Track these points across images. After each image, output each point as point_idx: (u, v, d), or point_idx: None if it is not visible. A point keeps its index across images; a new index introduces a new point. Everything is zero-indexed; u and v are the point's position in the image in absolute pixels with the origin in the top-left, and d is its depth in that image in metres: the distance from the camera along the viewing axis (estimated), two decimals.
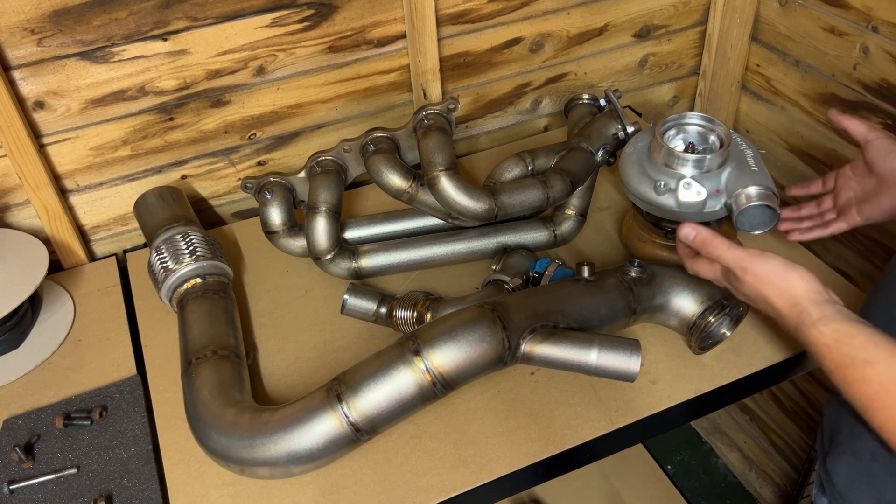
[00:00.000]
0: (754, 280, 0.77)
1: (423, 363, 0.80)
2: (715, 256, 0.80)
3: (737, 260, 0.78)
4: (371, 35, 1.20)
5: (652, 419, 0.90)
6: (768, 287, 0.76)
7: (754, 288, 0.77)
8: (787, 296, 0.75)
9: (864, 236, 1.29)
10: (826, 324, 0.70)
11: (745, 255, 0.78)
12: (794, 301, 0.74)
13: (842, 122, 0.94)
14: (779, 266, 0.76)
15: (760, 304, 0.78)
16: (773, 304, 0.76)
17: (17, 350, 1.03)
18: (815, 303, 0.73)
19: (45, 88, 1.06)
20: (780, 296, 0.75)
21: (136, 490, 0.86)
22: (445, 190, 1.01)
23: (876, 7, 1.14)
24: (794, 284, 0.75)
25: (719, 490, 1.85)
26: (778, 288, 0.75)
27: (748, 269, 0.77)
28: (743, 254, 0.78)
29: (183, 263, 1.00)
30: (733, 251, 0.79)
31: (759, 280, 0.77)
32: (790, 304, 0.74)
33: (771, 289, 0.76)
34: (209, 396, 0.85)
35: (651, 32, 1.43)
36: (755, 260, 0.77)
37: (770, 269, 0.76)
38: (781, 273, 0.76)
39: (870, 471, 0.77)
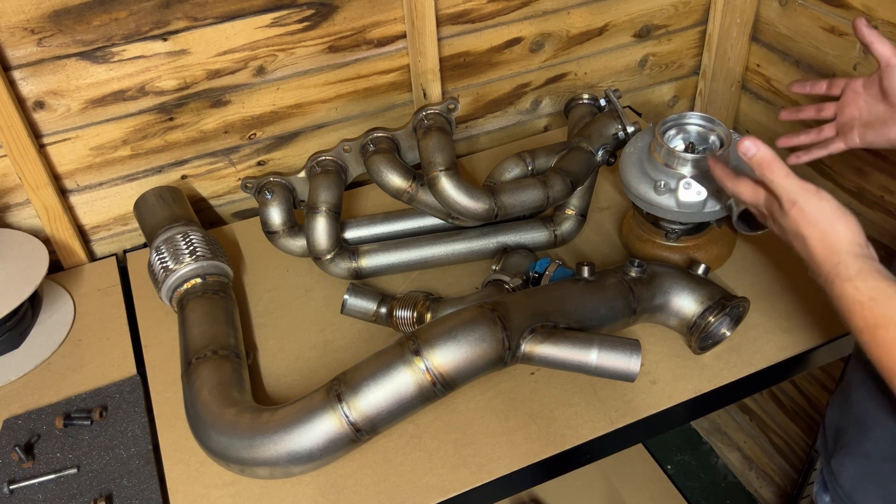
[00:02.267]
0: (799, 216, 0.72)
1: (423, 363, 0.80)
2: (769, 180, 0.74)
3: (790, 190, 0.72)
4: (371, 35, 1.20)
5: (652, 419, 0.90)
6: (811, 228, 0.71)
7: (796, 224, 0.72)
8: (827, 242, 0.70)
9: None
10: (863, 279, 0.67)
11: (800, 188, 0.72)
12: (834, 249, 0.69)
13: (867, 37, 0.85)
14: (829, 209, 0.71)
15: (796, 244, 0.74)
16: (811, 248, 0.71)
17: (17, 350, 1.03)
18: (856, 256, 0.69)
19: (45, 88, 1.06)
20: (820, 240, 0.71)
21: (136, 490, 0.86)
22: (445, 190, 1.01)
23: (876, 7, 1.14)
24: (839, 232, 0.70)
25: (719, 490, 1.85)
26: (821, 231, 0.71)
27: (797, 204, 0.72)
28: (798, 186, 0.73)
29: (183, 263, 1.00)
30: (789, 180, 0.73)
31: (805, 218, 0.72)
32: (828, 252, 0.70)
33: (814, 230, 0.71)
34: (209, 396, 0.85)
35: (651, 32, 1.43)
36: (808, 195, 0.72)
37: (820, 209, 0.71)
38: (831, 217, 0.71)
39: (879, 471, 0.77)
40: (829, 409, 0.87)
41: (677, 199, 0.93)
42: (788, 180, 0.73)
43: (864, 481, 0.79)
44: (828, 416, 0.87)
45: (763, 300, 1.01)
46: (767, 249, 1.10)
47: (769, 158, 0.73)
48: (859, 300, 0.66)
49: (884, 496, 0.77)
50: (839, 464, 0.81)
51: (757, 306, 1.00)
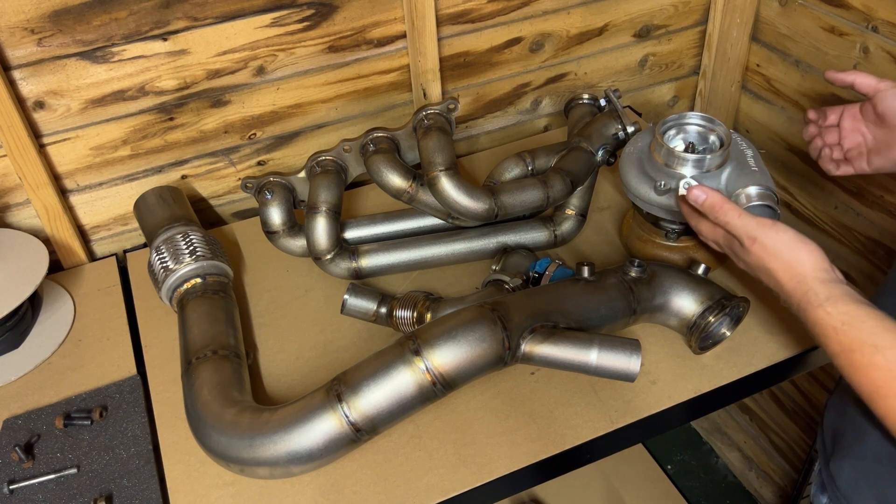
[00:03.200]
0: (761, 251, 0.74)
1: (423, 363, 0.80)
2: (723, 223, 0.77)
3: (746, 229, 0.75)
4: (371, 35, 1.20)
5: (652, 419, 0.90)
6: (775, 260, 0.73)
7: (760, 259, 0.74)
8: (793, 272, 0.71)
9: (865, 236, 1.29)
10: (833, 304, 0.68)
11: (756, 225, 0.74)
12: (801, 278, 0.71)
13: (845, 79, 0.87)
14: (789, 239, 0.73)
15: (763, 277, 0.76)
16: (778, 279, 0.73)
17: (17, 350, 1.03)
18: (823, 281, 0.70)
19: (45, 88, 1.06)
20: (786, 271, 0.72)
21: (136, 490, 0.86)
22: (445, 190, 1.01)
23: (876, 7, 1.14)
24: (803, 260, 0.71)
25: (719, 490, 1.85)
26: (785, 262, 0.72)
27: (757, 240, 0.74)
28: (753, 223, 0.75)
29: (183, 263, 1.00)
30: (743, 219, 0.75)
31: (767, 252, 0.73)
32: (796, 281, 0.71)
33: (777, 262, 0.73)
34: (209, 396, 0.85)
35: (651, 32, 1.43)
36: (765, 230, 0.74)
37: (780, 241, 0.73)
38: (791, 246, 0.72)
39: (874, 473, 0.77)
40: (827, 412, 0.87)
41: (677, 200, 0.93)
42: (743, 219, 0.76)
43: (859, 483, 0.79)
44: (826, 418, 0.87)
45: (763, 300, 1.01)
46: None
47: (719, 202, 0.77)
48: (832, 325, 0.67)
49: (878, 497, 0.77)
50: (837, 466, 0.82)
51: (757, 306, 1.00)
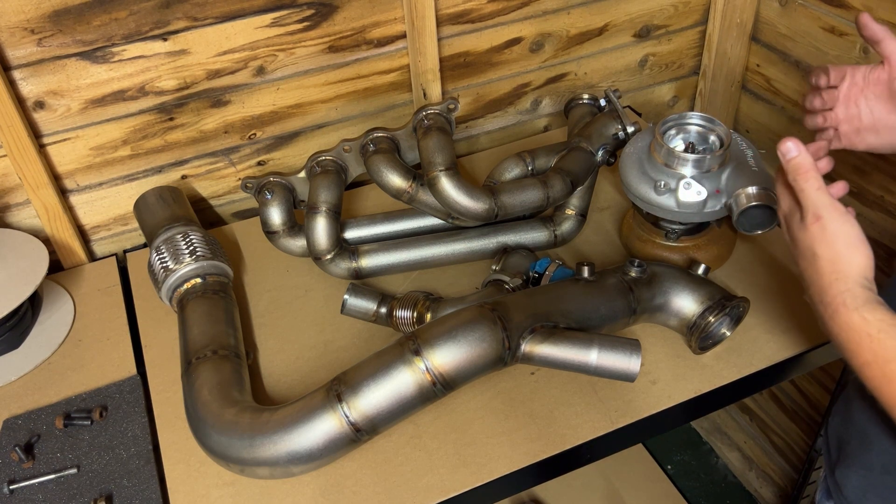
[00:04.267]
0: (819, 233, 0.68)
1: (423, 363, 0.80)
2: (800, 188, 0.69)
3: (818, 204, 0.68)
4: (371, 35, 1.20)
5: (652, 419, 0.90)
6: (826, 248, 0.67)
7: (812, 240, 0.68)
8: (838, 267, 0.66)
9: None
10: (871, 311, 0.63)
11: (829, 204, 0.68)
12: (844, 275, 0.66)
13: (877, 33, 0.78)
14: (852, 234, 0.67)
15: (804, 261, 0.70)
16: (819, 269, 0.67)
17: (17, 350, 1.03)
18: (864, 287, 0.65)
19: (45, 88, 1.06)
20: (831, 262, 0.67)
21: (136, 490, 0.86)
22: (445, 190, 1.01)
23: (876, 7, 1.14)
24: (854, 261, 0.66)
25: (719, 490, 1.85)
26: (835, 254, 0.67)
27: (822, 219, 0.68)
28: (828, 201, 0.68)
29: (183, 263, 1.00)
30: (821, 193, 0.68)
31: (824, 236, 0.67)
32: (836, 277, 0.66)
33: (828, 251, 0.67)
34: (209, 396, 0.85)
35: (651, 32, 1.43)
36: (835, 214, 0.68)
37: (843, 232, 0.67)
38: (850, 242, 0.67)
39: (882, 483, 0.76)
40: (831, 419, 0.86)
41: (677, 199, 0.93)
42: (820, 193, 0.69)
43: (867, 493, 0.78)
44: (830, 425, 0.86)
45: (763, 300, 1.01)
46: (767, 249, 1.10)
47: (807, 166, 0.69)
48: (868, 332, 0.63)
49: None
50: (843, 475, 0.81)
51: (757, 306, 1.00)
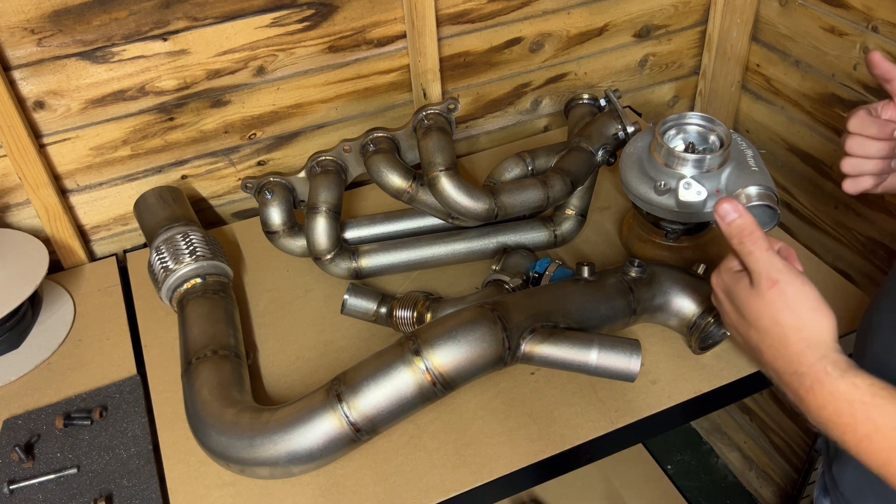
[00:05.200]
0: (777, 300, 0.61)
1: (423, 363, 0.80)
2: (746, 252, 0.63)
3: (773, 268, 0.61)
4: (371, 35, 1.20)
5: (652, 419, 0.90)
6: (789, 315, 0.60)
7: (770, 309, 0.61)
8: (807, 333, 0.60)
9: (864, 236, 1.29)
10: (859, 375, 0.57)
11: (784, 267, 0.61)
12: (815, 342, 0.59)
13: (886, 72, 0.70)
14: (813, 297, 0.61)
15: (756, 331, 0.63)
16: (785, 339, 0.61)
17: (17, 350, 1.03)
18: (840, 352, 0.59)
19: (45, 88, 1.06)
20: (798, 331, 0.60)
21: (136, 490, 0.86)
22: (445, 190, 1.01)
23: (876, 7, 1.14)
24: (823, 326, 0.60)
25: (719, 490, 1.84)
26: (801, 321, 0.60)
27: (778, 284, 0.61)
28: (781, 263, 0.62)
29: (183, 263, 1.00)
30: (772, 255, 0.62)
31: (784, 302, 0.61)
32: (806, 345, 0.60)
33: (791, 318, 0.60)
34: (209, 396, 0.85)
35: (651, 32, 1.43)
36: (791, 277, 0.61)
37: (804, 294, 0.61)
38: (814, 306, 0.60)
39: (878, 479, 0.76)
40: None
41: (677, 199, 0.93)
42: (770, 255, 0.62)
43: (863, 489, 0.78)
44: None
45: None
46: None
47: (751, 227, 0.63)
48: (861, 400, 0.56)
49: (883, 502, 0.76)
50: (839, 471, 0.81)
51: None
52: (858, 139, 0.73)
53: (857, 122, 0.73)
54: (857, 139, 0.73)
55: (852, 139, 0.74)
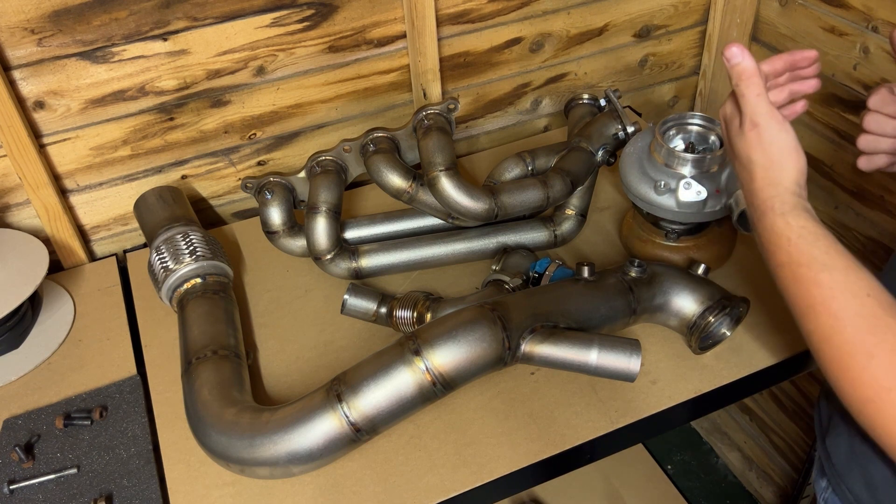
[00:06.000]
0: (755, 140, 0.69)
1: (423, 363, 0.80)
2: (741, 93, 0.70)
3: (757, 111, 0.69)
4: (371, 35, 1.20)
5: (652, 419, 0.90)
6: (761, 154, 0.69)
7: (748, 147, 0.70)
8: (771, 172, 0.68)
9: (865, 236, 1.29)
10: (796, 217, 0.66)
11: (767, 112, 0.68)
12: (775, 181, 0.68)
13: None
14: (786, 142, 0.68)
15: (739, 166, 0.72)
16: (753, 174, 0.69)
17: (17, 350, 1.03)
18: (793, 193, 0.67)
19: (45, 88, 1.06)
20: (765, 169, 0.69)
21: (136, 490, 0.86)
22: (445, 190, 1.01)
23: (876, 7, 1.14)
24: (787, 167, 0.68)
25: (719, 490, 1.85)
26: (769, 161, 0.68)
27: (758, 126, 0.68)
28: (765, 109, 0.69)
29: (183, 263, 1.00)
30: (760, 100, 0.69)
31: (759, 143, 0.69)
32: (767, 182, 0.68)
33: (762, 157, 0.69)
34: (209, 396, 0.85)
35: (651, 32, 1.43)
36: (771, 122, 0.68)
37: (777, 139, 0.68)
38: (784, 149, 0.68)
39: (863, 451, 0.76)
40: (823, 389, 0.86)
41: (677, 199, 0.93)
42: (759, 100, 0.69)
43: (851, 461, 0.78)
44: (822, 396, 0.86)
45: (763, 300, 1.01)
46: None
47: (750, 72, 0.69)
48: (787, 236, 0.65)
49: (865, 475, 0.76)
50: (833, 443, 0.81)
51: (757, 306, 1.00)
52: (876, 116, 0.76)
53: (877, 100, 0.76)
54: (876, 116, 0.76)
55: (870, 116, 0.77)
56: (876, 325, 0.60)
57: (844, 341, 0.61)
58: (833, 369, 0.62)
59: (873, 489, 0.75)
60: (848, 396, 0.62)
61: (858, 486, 0.77)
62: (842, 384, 0.62)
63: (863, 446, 0.76)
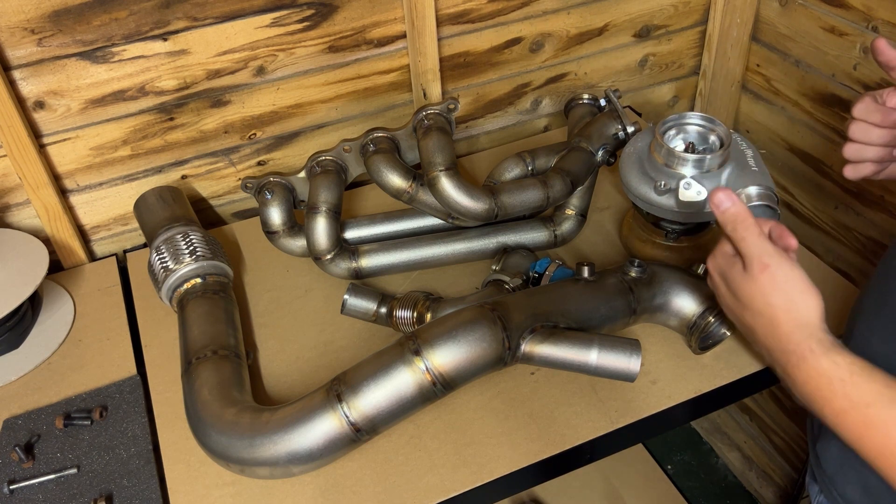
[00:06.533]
0: (769, 283, 0.64)
1: (423, 363, 0.80)
2: (740, 238, 0.66)
3: (763, 253, 0.65)
4: (371, 35, 1.20)
5: (652, 419, 0.90)
6: (780, 296, 0.64)
7: (762, 292, 0.65)
8: (796, 314, 0.63)
9: (865, 236, 1.29)
10: (840, 354, 0.60)
11: (775, 252, 0.65)
12: (804, 322, 0.63)
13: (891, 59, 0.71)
14: (802, 279, 0.64)
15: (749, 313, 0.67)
16: (775, 319, 0.64)
17: (17, 350, 1.03)
18: (826, 332, 0.63)
19: (45, 88, 1.06)
20: (788, 311, 0.64)
21: (136, 490, 0.86)
22: (445, 190, 1.01)
23: (876, 7, 1.14)
24: (811, 306, 0.63)
25: (719, 490, 1.85)
26: (790, 303, 0.64)
27: (769, 268, 0.64)
28: (772, 249, 0.65)
29: (183, 263, 1.00)
30: (764, 240, 0.65)
31: (775, 285, 0.64)
32: (795, 325, 0.63)
33: (782, 299, 0.64)
34: (209, 396, 0.85)
35: (651, 32, 1.43)
36: (782, 261, 0.65)
37: (793, 277, 0.64)
38: (802, 288, 0.64)
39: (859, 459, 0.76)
40: None
41: (677, 199, 0.93)
42: (763, 241, 0.66)
43: (844, 467, 0.78)
44: None
45: None
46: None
47: (744, 214, 0.67)
48: (840, 377, 0.59)
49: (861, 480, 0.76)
50: (823, 448, 0.81)
51: None
52: (862, 125, 0.75)
53: (861, 108, 0.74)
54: (861, 125, 0.75)
55: (856, 125, 0.75)
56: None
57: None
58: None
59: (870, 494, 0.75)
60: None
61: (853, 490, 0.77)
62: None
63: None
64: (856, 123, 0.75)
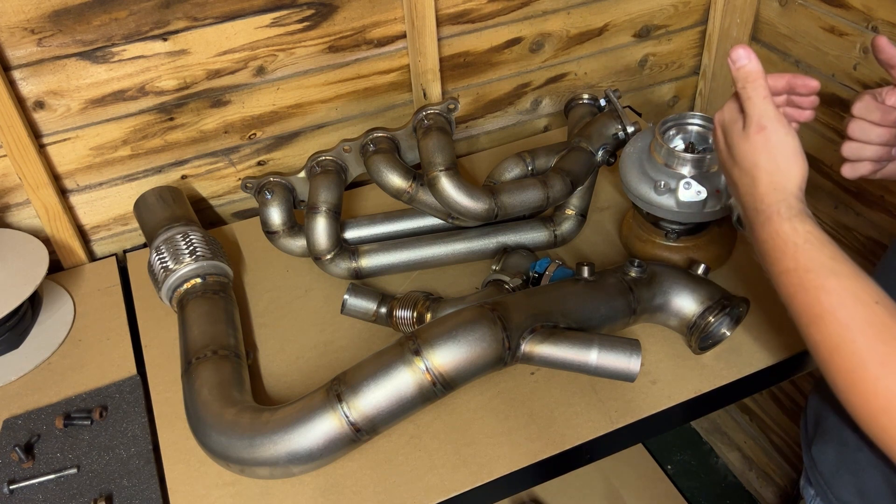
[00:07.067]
0: (761, 145, 0.67)
1: (423, 363, 0.80)
2: (746, 96, 0.67)
3: (765, 115, 0.67)
4: (371, 35, 1.20)
5: (652, 419, 0.90)
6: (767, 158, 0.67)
7: (753, 152, 0.68)
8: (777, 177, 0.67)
9: (865, 236, 1.29)
10: (802, 222, 0.64)
11: (774, 116, 0.67)
12: (781, 187, 0.66)
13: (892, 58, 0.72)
14: (793, 146, 0.66)
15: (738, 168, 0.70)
16: (757, 179, 0.67)
17: (17, 350, 1.03)
18: (799, 199, 0.66)
19: (45, 88, 1.06)
20: (770, 174, 0.67)
21: (136, 490, 0.86)
22: (445, 190, 1.01)
23: (876, 7, 1.14)
24: (793, 173, 0.66)
25: (719, 490, 1.85)
26: (775, 166, 0.67)
27: (766, 130, 0.66)
28: (773, 112, 0.67)
29: (183, 263, 1.00)
30: (767, 103, 0.67)
31: (766, 147, 0.67)
32: (773, 188, 0.66)
33: (768, 163, 0.67)
34: (209, 396, 0.85)
35: (651, 32, 1.43)
36: (779, 125, 0.66)
37: (785, 143, 0.66)
38: (790, 154, 0.66)
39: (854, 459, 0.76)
40: (811, 396, 0.86)
41: (677, 199, 0.93)
42: (766, 103, 0.67)
43: (840, 469, 0.78)
44: (810, 402, 0.85)
45: (763, 300, 1.01)
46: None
47: (756, 74, 0.67)
48: (794, 241, 0.64)
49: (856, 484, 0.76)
50: (819, 451, 0.81)
51: (757, 306, 1.00)
52: (860, 123, 0.75)
53: (861, 107, 0.75)
54: (860, 123, 0.75)
55: (854, 123, 0.76)
56: (886, 333, 0.59)
57: (855, 351, 0.59)
58: (842, 380, 0.61)
59: (866, 497, 0.75)
60: (858, 408, 0.60)
61: (848, 494, 0.77)
62: (852, 396, 0.60)
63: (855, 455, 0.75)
64: (855, 122, 0.75)
